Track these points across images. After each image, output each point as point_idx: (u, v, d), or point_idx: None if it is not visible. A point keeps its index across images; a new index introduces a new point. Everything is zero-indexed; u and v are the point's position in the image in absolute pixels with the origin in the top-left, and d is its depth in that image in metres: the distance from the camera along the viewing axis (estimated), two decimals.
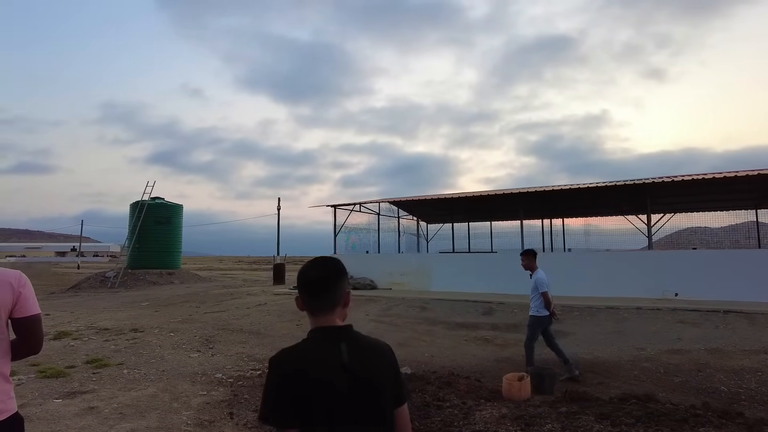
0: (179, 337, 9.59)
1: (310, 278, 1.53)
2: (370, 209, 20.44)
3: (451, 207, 20.00)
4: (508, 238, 23.35)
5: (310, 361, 1.43)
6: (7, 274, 1.97)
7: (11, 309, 1.94)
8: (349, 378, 1.42)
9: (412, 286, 16.33)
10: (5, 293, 1.92)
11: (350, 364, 1.43)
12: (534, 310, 6.71)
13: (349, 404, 1.40)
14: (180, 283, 24.28)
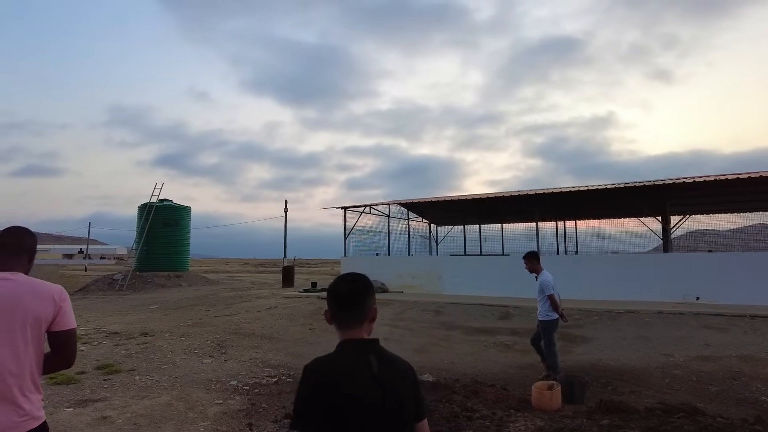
0: (190, 342, 9.36)
1: (341, 291, 1.62)
2: (380, 211, 20.19)
3: (463, 209, 19.71)
4: (520, 241, 23.04)
5: (342, 373, 1.49)
6: (50, 288, 2.02)
7: (51, 322, 1.99)
8: (379, 389, 1.49)
9: (423, 289, 16.05)
10: (47, 307, 1.97)
11: (380, 376, 1.50)
12: (543, 315, 6.52)
13: (378, 414, 1.47)
14: (188, 286, 24.10)
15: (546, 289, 6.38)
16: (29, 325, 1.94)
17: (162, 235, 25.32)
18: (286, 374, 7.06)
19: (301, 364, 5.69)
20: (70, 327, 2.05)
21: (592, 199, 16.69)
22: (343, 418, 1.43)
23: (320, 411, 1.44)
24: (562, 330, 10.33)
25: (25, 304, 1.95)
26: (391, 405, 1.50)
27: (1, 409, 1.88)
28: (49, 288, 2.03)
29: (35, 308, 1.96)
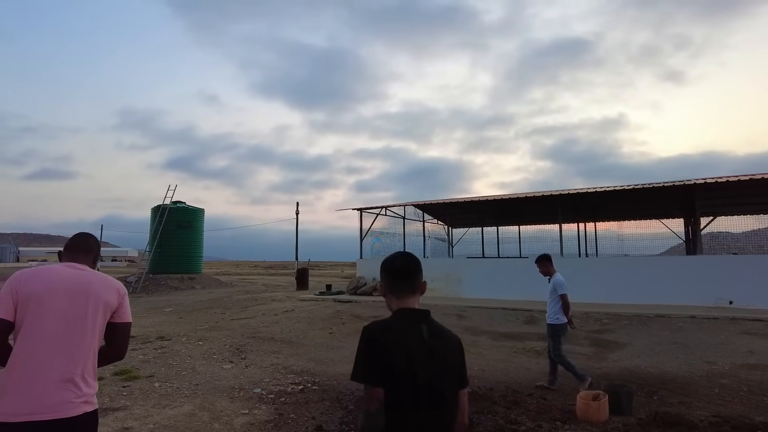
0: (209, 346, 9.09)
1: (398, 265, 1.82)
2: (395, 213, 19.86)
3: (481, 210, 19.30)
4: (538, 243, 22.61)
5: (396, 336, 1.66)
6: (114, 282, 2.16)
7: (114, 313, 2.10)
8: (428, 352, 1.65)
9: (442, 292, 15.67)
10: (113, 296, 2.10)
11: (429, 342, 1.68)
12: (552, 318, 6.30)
13: (427, 371, 1.63)
14: (201, 288, 23.93)
15: (560, 288, 6.15)
16: (98, 311, 2.05)
17: (175, 237, 25.19)
18: (311, 381, 6.74)
19: (324, 371, 5.35)
20: (128, 320, 2.18)
21: (616, 200, 16.24)
22: (395, 376, 1.59)
23: (376, 368, 1.60)
24: (593, 335, 9.99)
25: (96, 290, 2.07)
26: (437, 369, 1.67)
27: (62, 387, 1.93)
28: (114, 281, 2.19)
29: (104, 296, 2.09)
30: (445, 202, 17.46)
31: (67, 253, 2.25)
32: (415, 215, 21.30)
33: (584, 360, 8.17)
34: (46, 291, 1.98)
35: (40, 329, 1.94)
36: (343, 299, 15.68)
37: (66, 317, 1.99)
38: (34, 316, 1.94)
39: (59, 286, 2.02)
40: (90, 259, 2.27)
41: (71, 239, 2.33)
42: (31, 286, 1.99)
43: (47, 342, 1.94)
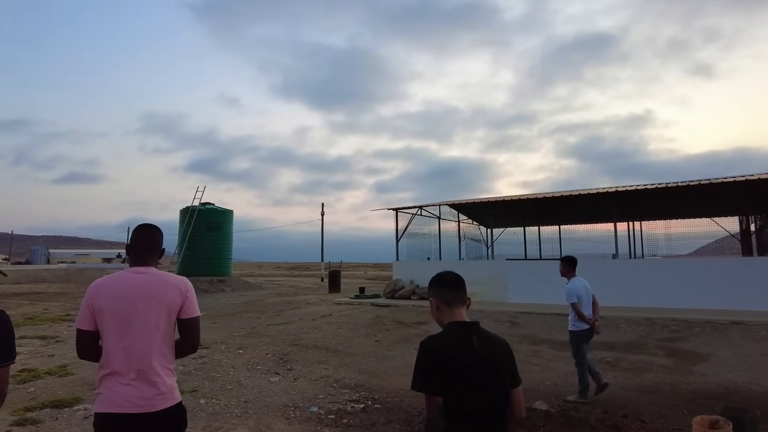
0: (250, 355, 8.50)
1: (450, 279, 2.08)
2: (430, 212, 19.08)
3: (522, 210, 18.39)
4: (580, 244, 21.59)
5: (451, 348, 1.88)
6: (176, 280, 2.25)
7: (179, 310, 2.21)
8: (479, 360, 1.87)
9: (486, 296, 14.85)
10: (175, 296, 2.20)
11: (480, 350, 1.90)
12: (571, 325, 6.12)
13: (478, 377, 1.85)
14: (231, 291, 23.54)
15: (568, 297, 5.99)
16: (162, 313, 2.15)
17: (204, 239, 24.89)
18: (370, 398, 6.05)
19: (381, 385, 4.54)
20: (195, 315, 2.25)
21: (671, 197, 15.18)
22: (451, 385, 1.82)
23: (435, 377, 1.83)
24: (665, 344, 9.07)
25: (157, 293, 2.15)
26: (490, 373, 1.88)
27: (139, 386, 2.07)
28: (176, 280, 2.24)
29: (166, 297, 2.17)
30: (485, 202, 16.59)
31: (132, 253, 2.31)
32: (450, 215, 20.51)
33: (666, 373, 7.31)
34: (113, 302, 2.12)
35: (115, 338, 2.11)
36: (381, 303, 14.99)
37: (134, 324, 2.12)
38: (107, 326, 2.11)
39: (124, 296, 2.14)
40: (155, 257, 2.33)
41: (135, 236, 2.33)
42: (101, 299, 2.13)
43: (123, 348, 2.10)
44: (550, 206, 17.48)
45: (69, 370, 7.39)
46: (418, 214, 18.33)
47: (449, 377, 1.81)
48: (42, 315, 14.81)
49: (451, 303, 2.02)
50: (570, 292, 5.98)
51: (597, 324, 6.12)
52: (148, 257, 2.30)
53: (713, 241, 20.93)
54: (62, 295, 23.92)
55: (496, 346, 1.97)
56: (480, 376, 1.85)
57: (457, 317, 2.00)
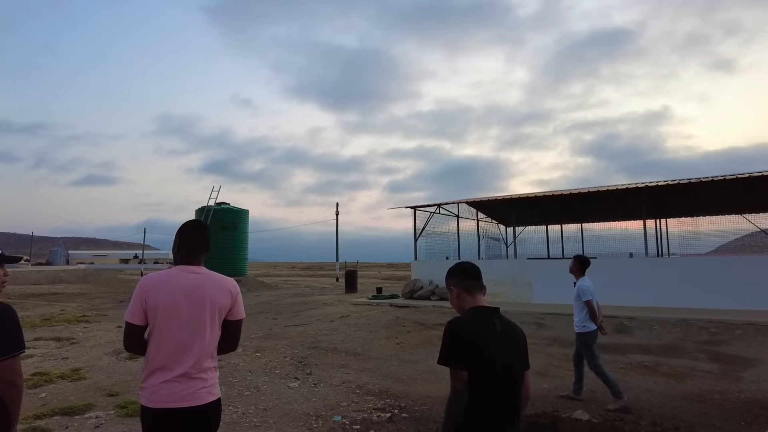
0: (268, 359, 8.18)
1: (468, 268, 2.20)
2: (449, 211, 18.64)
3: (545, 207, 17.85)
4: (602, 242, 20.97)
5: (476, 328, 2.01)
6: (227, 283, 2.35)
7: (228, 312, 2.31)
8: (501, 342, 2.01)
9: (509, 297, 14.37)
10: (226, 298, 2.30)
11: (502, 332, 2.04)
12: (579, 326, 5.85)
13: (502, 357, 1.98)
14: (248, 291, 23.35)
15: (584, 294, 5.74)
16: (214, 314, 2.26)
17: (220, 239, 24.72)
18: (396, 406, 5.67)
19: (407, 392, 3.44)
20: (241, 317, 2.40)
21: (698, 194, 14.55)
22: (476, 362, 1.94)
23: (461, 353, 1.95)
24: (707, 348, 8.54)
25: (210, 294, 2.25)
26: (510, 355, 2.03)
27: (186, 382, 2.16)
28: (227, 282, 2.36)
29: (218, 299, 2.27)
30: (506, 199, 16.06)
31: (185, 250, 2.33)
32: (469, 214, 20.05)
33: (712, 380, 6.81)
34: (169, 300, 2.18)
35: (167, 335, 2.18)
36: (399, 304, 14.60)
37: (187, 323, 2.19)
38: (160, 323, 2.18)
39: (179, 295, 2.20)
40: (204, 255, 2.38)
41: (191, 234, 2.36)
42: (155, 297, 2.18)
43: (174, 345, 2.17)
44: (573, 204, 16.92)
45: (82, 374, 7.14)
46: (437, 212, 17.90)
47: (474, 354, 1.94)
48: (58, 316, 14.71)
49: (472, 290, 2.14)
50: (585, 289, 5.73)
51: (604, 324, 5.90)
52: (200, 255, 2.35)
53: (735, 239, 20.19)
54: (80, 296, 23.98)
55: (515, 331, 2.11)
56: (502, 356, 1.98)
57: (478, 302, 2.12)
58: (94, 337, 10.61)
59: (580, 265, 5.95)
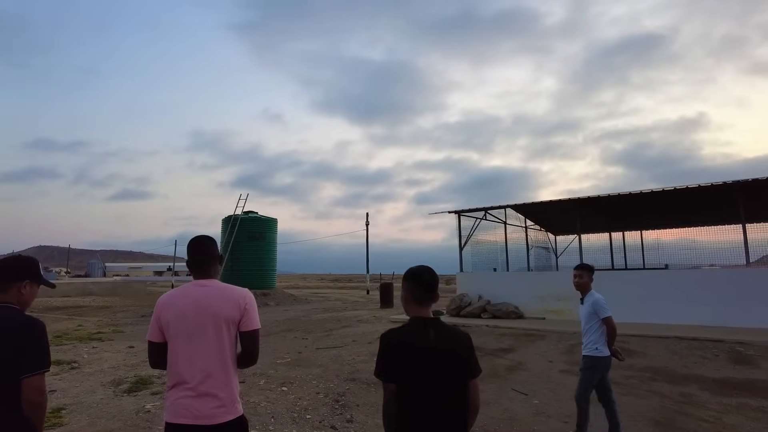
0: (296, 395, 6.51)
1: (426, 280, 2.13)
2: (495, 217, 16.75)
3: (609, 211, 15.73)
4: (665, 252, 18.65)
5: (408, 341, 2.02)
6: (235, 294, 2.27)
7: (238, 323, 2.23)
8: (434, 353, 1.99)
9: (573, 314, 12.32)
10: (233, 310, 2.22)
11: (435, 344, 2.01)
12: (591, 348, 4.73)
13: (434, 371, 1.97)
14: (276, 305, 21.91)
15: (603, 310, 4.66)
16: (221, 326, 2.18)
17: (247, 250, 23.42)
18: None
19: None
20: (254, 328, 2.26)
21: None
22: (408, 373, 1.96)
23: (388, 366, 1.99)
24: None
25: (215, 307, 2.19)
26: (444, 365, 1.99)
27: (200, 398, 2.11)
28: (236, 292, 2.28)
29: (224, 311, 2.20)
30: (565, 200, 13.96)
31: (191, 265, 2.36)
32: (516, 220, 18.09)
33: None
34: (178, 317, 2.19)
35: (177, 351, 2.18)
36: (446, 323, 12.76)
37: (193, 336, 2.16)
38: (171, 339, 2.20)
39: (186, 311, 2.19)
40: (214, 266, 2.37)
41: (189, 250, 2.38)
42: (167, 314, 2.21)
43: (183, 359, 2.16)
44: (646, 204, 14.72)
45: (62, 416, 5.62)
46: (483, 218, 16.01)
47: (400, 367, 1.97)
48: (73, 332, 13.50)
49: (421, 301, 2.12)
50: (605, 305, 4.65)
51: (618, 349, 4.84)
52: (207, 268, 2.33)
53: None
54: (104, 309, 22.99)
55: (453, 340, 2.07)
56: (431, 367, 1.97)
57: (421, 313, 2.11)
58: (99, 360, 9.22)
59: (591, 273, 4.82)
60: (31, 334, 1.94)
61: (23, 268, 2.13)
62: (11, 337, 1.91)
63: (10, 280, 2.08)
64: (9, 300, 2.05)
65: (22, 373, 1.88)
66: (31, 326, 1.96)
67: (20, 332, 1.93)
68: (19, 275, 2.11)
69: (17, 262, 2.16)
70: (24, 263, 2.17)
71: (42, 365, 1.94)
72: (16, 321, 1.96)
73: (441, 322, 2.10)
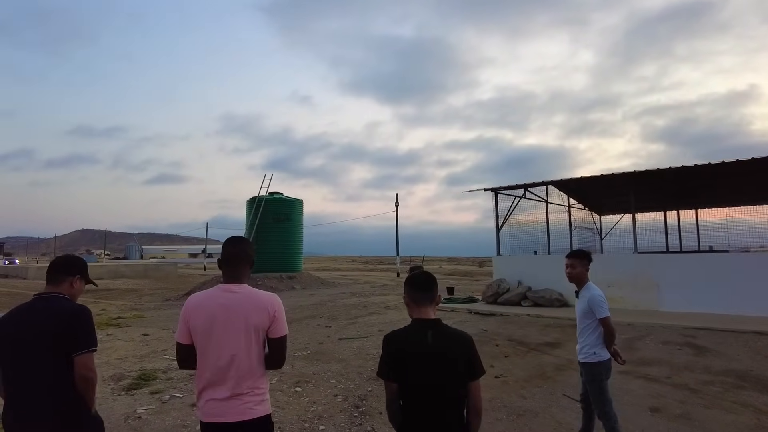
0: (312, 397, 5.63)
1: (419, 279, 2.25)
2: (536, 195, 15.42)
3: (661, 187, 14.17)
4: (716, 233, 16.95)
5: (408, 342, 2.11)
6: (265, 300, 2.31)
7: (267, 329, 2.28)
8: (430, 353, 2.05)
9: (627, 303, 11.09)
10: (263, 317, 2.26)
11: (432, 344, 2.07)
12: (588, 353, 3.82)
13: (427, 368, 2.04)
14: (302, 289, 21.26)
15: (599, 309, 3.76)
16: (250, 333, 2.23)
17: (272, 232, 22.74)
18: None
19: None
20: (282, 335, 2.31)
21: None
22: (404, 374, 2.05)
23: (390, 366, 2.08)
24: None
25: (244, 314, 2.24)
26: (439, 365, 2.04)
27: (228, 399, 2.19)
28: (265, 299, 2.31)
29: (254, 319, 2.24)
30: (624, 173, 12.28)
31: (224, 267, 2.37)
32: (559, 199, 16.70)
33: None
34: (205, 321, 2.24)
35: (205, 354, 2.24)
36: (483, 311, 11.69)
37: (224, 343, 2.22)
38: (200, 343, 2.25)
39: (216, 315, 2.23)
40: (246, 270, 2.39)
41: (223, 251, 2.39)
42: (195, 318, 2.26)
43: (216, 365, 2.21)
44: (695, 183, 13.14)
45: None
46: (523, 196, 14.72)
47: (400, 367, 2.06)
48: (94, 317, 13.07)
49: (418, 302, 2.20)
50: (602, 301, 3.81)
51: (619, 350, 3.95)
52: (239, 271, 2.35)
53: None
54: (131, 293, 22.91)
55: (451, 341, 2.11)
56: (429, 368, 2.04)
57: (421, 315, 2.18)
58: (109, 350, 8.61)
59: (588, 263, 3.95)
60: (81, 318, 2.26)
61: (76, 266, 2.48)
62: (65, 321, 2.22)
63: (65, 274, 2.42)
64: (61, 291, 2.37)
65: (74, 351, 2.19)
66: (81, 311, 2.28)
67: (72, 316, 2.24)
68: (72, 271, 2.44)
69: (71, 260, 2.52)
70: (77, 262, 2.52)
71: (90, 345, 2.24)
72: (69, 307, 2.28)
73: (441, 324, 2.17)
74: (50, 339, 2.17)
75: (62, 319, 2.21)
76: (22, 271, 35.54)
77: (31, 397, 2.17)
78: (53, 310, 2.24)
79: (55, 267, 2.44)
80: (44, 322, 2.20)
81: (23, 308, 2.29)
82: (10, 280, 32.35)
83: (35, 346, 2.18)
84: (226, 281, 2.33)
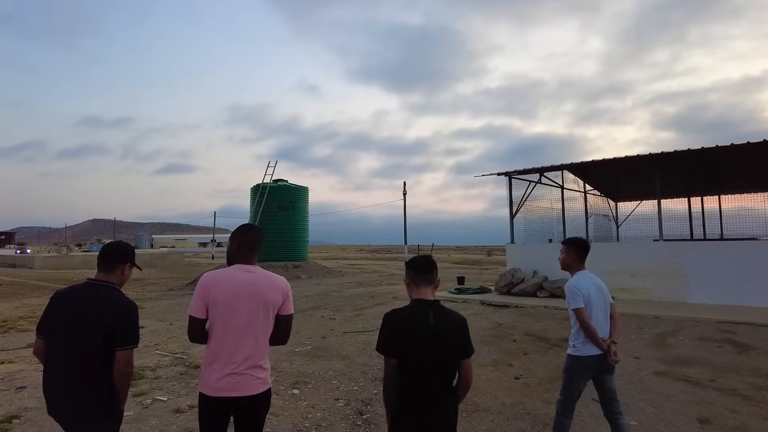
0: (310, 402, 5.04)
1: (420, 262, 2.40)
2: (552, 180, 14.65)
3: (689, 169, 13.32)
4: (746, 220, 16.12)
5: (409, 321, 2.23)
6: (279, 281, 2.53)
7: (279, 308, 2.48)
8: (431, 332, 2.18)
9: (651, 294, 10.38)
10: (278, 295, 2.48)
11: (434, 324, 2.20)
12: (570, 345, 3.52)
13: (428, 346, 2.16)
14: (307, 278, 20.73)
15: (570, 301, 3.45)
16: (268, 310, 2.43)
17: (277, 220, 22.18)
18: None
19: None
20: (290, 312, 2.54)
21: None
22: (404, 348, 2.17)
23: (391, 342, 2.20)
24: None
25: (264, 292, 2.43)
26: (440, 344, 2.18)
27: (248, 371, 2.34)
28: (279, 280, 2.53)
29: (271, 296, 2.44)
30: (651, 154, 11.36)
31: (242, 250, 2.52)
32: (575, 185, 15.92)
33: None
34: (229, 296, 2.38)
35: (228, 328, 2.36)
36: (495, 302, 11.04)
37: (245, 317, 2.37)
38: (221, 317, 2.37)
39: (239, 291, 2.39)
40: (256, 255, 2.56)
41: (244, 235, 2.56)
42: (216, 293, 2.39)
43: (235, 337, 2.36)
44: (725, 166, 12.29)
45: (10, 428, 4.33)
46: (538, 182, 13.96)
47: (402, 343, 2.18)
48: None
49: (419, 284, 2.33)
50: (573, 291, 3.44)
51: (615, 348, 3.39)
52: (254, 255, 2.54)
53: None
54: (135, 282, 22.47)
55: (450, 322, 2.26)
56: (429, 345, 2.17)
57: (421, 295, 2.31)
58: None
59: (578, 252, 3.58)
60: (129, 313, 2.33)
61: (127, 253, 2.54)
62: (115, 314, 2.29)
63: (118, 262, 2.47)
64: (112, 280, 2.44)
65: (119, 345, 2.27)
66: (132, 308, 2.36)
67: (121, 310, 2.32)
68: (124, 259, 2.50)
69: (122, 248, 2.56)
70: (128, 249, 2.57)
71: (133, 341, 2.32)
72: (120, 300, 2.36)
73: (440, 305, 2.30)
74: (103, 329, 2.24)
75: (116, 312, 2.28)
76: (29, 261, 35.42)
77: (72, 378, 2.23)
78: (109, 302, 2.31)
79: (108, 254, 2.46)
80: (101, 311, 2.27)
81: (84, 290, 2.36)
82: (17, 270, 32.21)
83: (89, 331, 2.24)
84: (242, 263, 2.48)
